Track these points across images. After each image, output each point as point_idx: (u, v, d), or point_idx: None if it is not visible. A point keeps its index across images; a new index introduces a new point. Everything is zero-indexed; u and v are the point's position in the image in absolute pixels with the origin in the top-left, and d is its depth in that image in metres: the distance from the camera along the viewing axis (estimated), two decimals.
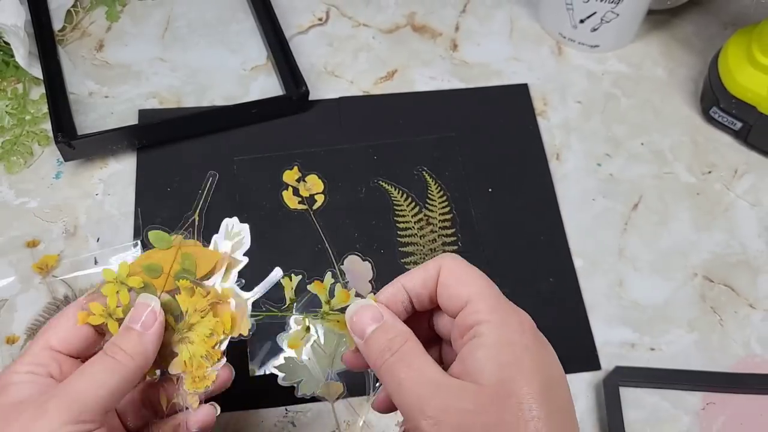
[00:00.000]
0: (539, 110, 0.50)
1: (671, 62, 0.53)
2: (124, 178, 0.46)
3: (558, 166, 0.48)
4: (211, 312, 0.29)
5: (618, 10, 0.49)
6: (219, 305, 0.29)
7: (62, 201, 0.45)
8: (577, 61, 0.53)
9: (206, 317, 0.29)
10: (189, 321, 0.29)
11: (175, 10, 0.54)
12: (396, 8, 0.55)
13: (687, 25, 0.56)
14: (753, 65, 0.46)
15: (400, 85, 0.51)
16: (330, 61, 0.52)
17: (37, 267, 0.42)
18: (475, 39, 0.54)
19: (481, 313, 0.26)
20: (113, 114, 0.48)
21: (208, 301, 0.29)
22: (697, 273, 0.44)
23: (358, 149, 0.47)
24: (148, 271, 0.29)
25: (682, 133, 0.50)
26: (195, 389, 0.29)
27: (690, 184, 0.48)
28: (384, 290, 0.29)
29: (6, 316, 0.41)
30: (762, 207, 0.47)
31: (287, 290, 0.30)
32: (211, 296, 0.29)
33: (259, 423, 0.38)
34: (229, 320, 0.29)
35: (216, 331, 0.29)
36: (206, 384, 0.29)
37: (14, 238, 0.43)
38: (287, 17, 0.54)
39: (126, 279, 0.28)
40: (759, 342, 0.42)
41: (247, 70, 0.51)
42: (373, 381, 0.40)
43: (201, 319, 0.29)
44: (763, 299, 0.43)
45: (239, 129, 0.47)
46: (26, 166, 0.46)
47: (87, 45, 0.51)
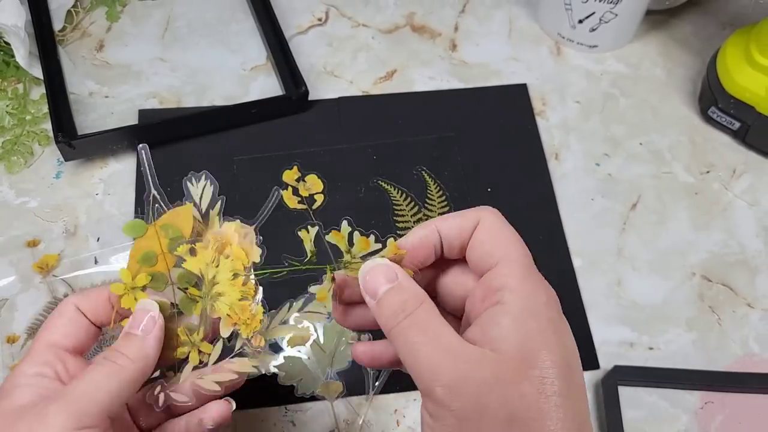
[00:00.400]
0: (538, 110, 0.50)
1: (670, 62, 0.54)
2: (124, 178, 0.46)
3: (557, 166, 0.48)
4: (222, 257, 0.29)
5: (617, 11, 0.49)
6: (227, 248, 0.29)
7: (62, 201, 0.45)
8: (576, 61, 0.53)
9: (221, 264, 0.29)
10: (208, 278, 0.29)
11: (175, 10, 0.54)
12: (395, 8, 0.55)
13: (685, 26, 0.56)
14: (751, 65, 0.46)
15: (400, 85, 0.51)
16: (329, 61, 0.52)
17: (38, 266, 0.42)
18: (474, 39, 0.54)
19: (510, 278, 0.25)
20: (113, 114, 0.48)
21: (213, 248, 0.29)
22: (695, 272, 0.44)
23: (358, 149, 0.47)
24: (144, 262, 0.29)
25: (681, 133, 0.50)
26: (253, 331, 0.29)
27: (688, 183, 0.48)
28: (415, 231, 0.27)
29: (6, 316, 0.41)
30: (760, 207, 0.47)
31: (306, 243, 0.30)
32: (212, 243, 0.29)
33: (259, 422, 0.38)
34: (243, 253, 0.29)
35: (237, 270, 0.29)
36: (259, 319, 0.29)
37: (15, 237, 0.43)
38: (287, 17, 0.54)
39: (135, 283, 0.29)
40: (757, 341, 0.42)
41: (247, 70, 0.51)
42: (373, 380, 0.40)
43: (217, 269, 0.29)
44: (761, 298, 0.43)
45: (239, 129, 0.48)
46: (27, 166, 0.46)
47: (87, 45, 0.52)
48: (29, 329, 0.40)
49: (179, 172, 0.45)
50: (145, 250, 0.29)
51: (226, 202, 0.44)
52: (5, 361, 0.39)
